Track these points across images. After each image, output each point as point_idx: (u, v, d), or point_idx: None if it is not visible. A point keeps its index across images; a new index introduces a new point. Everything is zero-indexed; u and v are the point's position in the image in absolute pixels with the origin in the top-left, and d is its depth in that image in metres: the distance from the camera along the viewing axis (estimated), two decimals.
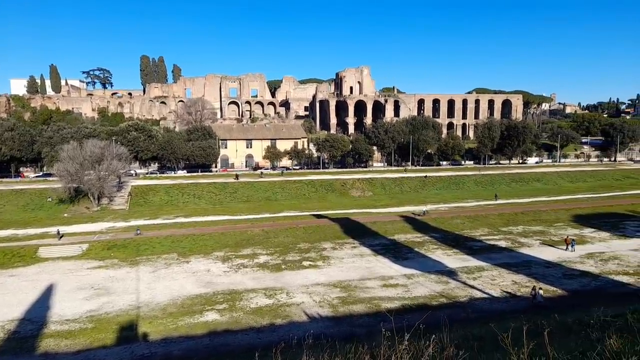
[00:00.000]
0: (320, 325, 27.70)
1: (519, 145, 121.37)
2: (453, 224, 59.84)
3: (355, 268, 41.27)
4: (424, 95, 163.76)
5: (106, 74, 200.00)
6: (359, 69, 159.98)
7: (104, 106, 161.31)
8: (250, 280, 37.94)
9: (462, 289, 35.31)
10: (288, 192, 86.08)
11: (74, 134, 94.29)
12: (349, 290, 35.29)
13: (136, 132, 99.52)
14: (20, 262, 43.71)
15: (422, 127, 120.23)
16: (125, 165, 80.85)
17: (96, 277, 39.19)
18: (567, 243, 47.00)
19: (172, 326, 28.75)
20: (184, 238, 51.82)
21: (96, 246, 48.78)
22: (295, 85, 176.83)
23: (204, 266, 42.36)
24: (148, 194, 79.71)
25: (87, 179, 71.19)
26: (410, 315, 27.07)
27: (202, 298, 33.82)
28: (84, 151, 72.81)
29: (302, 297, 33.71)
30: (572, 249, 46.07)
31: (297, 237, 52.68)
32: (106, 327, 28.89)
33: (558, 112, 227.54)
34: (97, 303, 33.02)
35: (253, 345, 24.61)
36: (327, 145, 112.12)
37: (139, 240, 50.72)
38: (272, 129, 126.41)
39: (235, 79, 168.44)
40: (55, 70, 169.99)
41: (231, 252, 47.04)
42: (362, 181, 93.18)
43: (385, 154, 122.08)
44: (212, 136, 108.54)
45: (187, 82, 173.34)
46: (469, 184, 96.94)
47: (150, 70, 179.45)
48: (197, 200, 79.29)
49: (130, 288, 36.29)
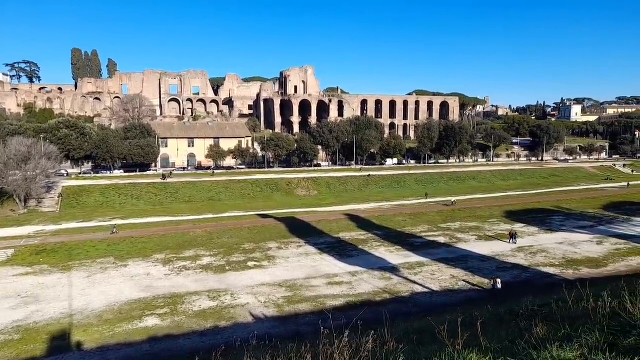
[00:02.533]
0: (266, 326, 27.52)
1: (456, 145, 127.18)
2: (395, 221, 61.58)
3: (300, 267, 41.38)
4: (367, 96, 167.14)
5: (33, 67, 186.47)
6: (304, 68, 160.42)
7: (31, 102, 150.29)
8: (193, 283, 36.95)
9: (404, 284, 36.43)
10: (232, 192, 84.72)
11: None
12: (295, 289, 35.32)
13: (67, 129, 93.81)
14: None
15: (366, 127, 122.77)
16: (55, 164, 75.82)
17: (24, 285, 36.49)
18: (510, 236, 50.26)
19: (108, 333, 27.38)
20: (121, 241, 49.52)
21: (23, 251, 45.45)
22: (239, 83, 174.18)
23: (143, 270, 40.70)
24: (81, 195, 75.40)
25: (12, 180, 66.14)
26: (355, 312, 27.51)
27: (142, 303, 32.49)
28: (8, 150, 67.65)
29: (247, 298, 33.32)
30: (514, 241, 49.30)
31: (242, 238, 51.98)
32: (35, 337, 26.99)
33: (491, 114, 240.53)
34: (25, 312, 30.76)
35: (196, 349, 23.95)
36: (272, 144, 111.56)
37: (71, 244, 47.87)
38: (215, 128, 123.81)
39: (176, 75, 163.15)
40: None
41: (172, 254, 45.56)
42: (307, 180, 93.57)
43: (330, 153, 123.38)
44: (151, 134, 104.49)
45: (124, 78, 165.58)
46: (410, 183, 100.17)
47: (83, 65, 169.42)
48: (135, 201, 76.06)
49: (62, 295, 34.14)
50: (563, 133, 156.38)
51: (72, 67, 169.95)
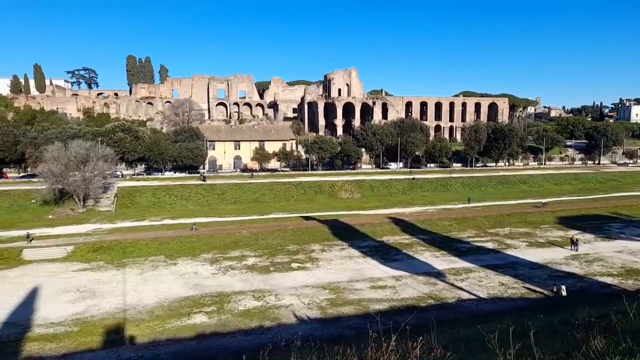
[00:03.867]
0: (309, 327, 27.71)
1: (505, 148, 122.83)
2: (441, 225, 60.29)
3: (344, 270, 41.36)
4: (411, 98, 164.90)
5: (92, 74, 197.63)
6: (347, 71, 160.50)
7: (90, 106, 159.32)
8: (239, 283, 37.79)
9: (450, 290, 35.60)
10: (276, 193, 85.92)
11: (59, 134, 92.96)
12: (338, 292, 35.34)
13: (122, 132, 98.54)
14: (3, 265, 42.93)
15: (410, 129, 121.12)
16: (111, 166, 79.89)
17: (82, 280, 38.68)
18: (571, 243, 48.26)
19: (159, 329, 28.50)
20: (171, 240, 51.37)
21: (82, 248, 48.13)
22: (284, 86, 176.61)
23: (191, 268, 42.08)
24: (135, 195, 78.93)
25: (72, 180, 70.22)
26: (399, 317, 27.22)
27: (190, 300, 33.59)
28: (68, 152, 71.82)
29: (290, 299, 33.68)
30: (576, 248, 47.22)
31: (286, 239, 52.60)
32: (92, 330, 28.52)
33: (543, 115, 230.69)
34: (83, 306, 32.59)
35: (241, 347, 24.51)
36: (316, 147, 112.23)
37: (126, 242, 50.18)
38: (260, 131, 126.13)
39: (223, 80, 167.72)
40: (40, 69, 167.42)
41: (219, 254, 46.80)
42: (350, 183, 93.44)
43: (374, 155, 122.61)
44: (199, 137, 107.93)
45: (174, 83, 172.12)
46: (456, 186, 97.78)
47: (137, 71, 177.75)
48: (184, 201, 78.74)
49: (116, 291, 35.89)
50: (622, 135, 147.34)
51: (127, 74, 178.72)
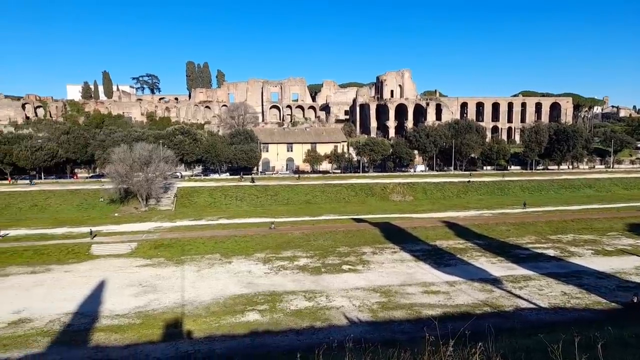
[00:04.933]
0: (360, 330, 27.62)
1: (568, 150, 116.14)
2: (497, 230, 58.07)
3: (395, 273, 40.87)
4: (467, 99, 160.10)
5: (154, 79, 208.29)
6: (400, 72, 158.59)
7: (152, 111, 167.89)
8: (291, 282, 38.34)
9: (508, 298, 34.20)
10: (328, 195, 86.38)
11: (124, 137, 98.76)
12: (389, 295, 34.97)
13: (182, 135, 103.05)
14: (74, 259, 46.18)
15: (465, 130, 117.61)
16: (171, 167, 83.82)
17: (144, 275, 40.80)
18: None
19: (215, 325, 29.48)
20: (227, 239, 53.01)
21: (144, 245, 50.77)
22: (336, 89, 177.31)
23: (245, 267, 43.21)
24: (193, 195, 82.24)
25: (136, 181, 74.35)
26: (453, 323, 26.49)
27: (244, 298, 34.49)
28: (133, 154, 76.08)
29: (341, 300, 33.72)
30: None
31: (337, 241, 52.75)
32: (153, 323, 29.98)
33: (611, 115, 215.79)
34: (145, 300, 34.34)
35: (293, 347, 24.86)
36: (368, 149, 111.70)
37: (184, 240, 52.38)
38: (312, 133, 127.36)
39: (277, 83, 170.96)
40: (108, 76, 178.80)
41: (272, 254, 47.72)
42: (402, 185, 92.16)
43: (427, 158, 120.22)
44: (253, 140, 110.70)
45: (230, 87, 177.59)
46: (514, 190, 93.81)
47: (196, 76, 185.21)
48: (239, 202, 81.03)
49: (175, 286, 37.54)
50: None
51: (187, 79, 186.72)
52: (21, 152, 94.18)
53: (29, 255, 46.72)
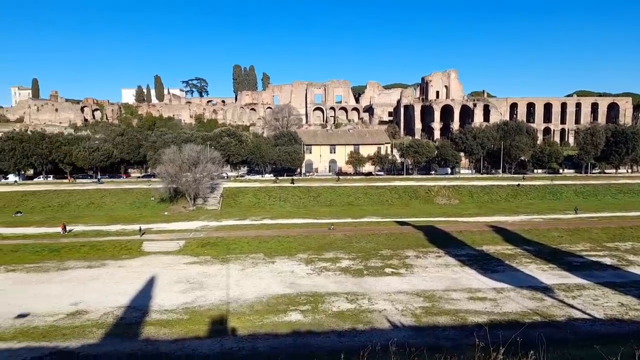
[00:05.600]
0: (403, 334, 27.24)
1: (627, 153, 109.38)
2: (549, 236, 55.58)
3: (439, 278, 40.03)
4: (516, 99, 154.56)
5: (203, 83, 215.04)
6: (446, 72, 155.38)
7: (200, 113, 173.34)
8: (333, 284, 38.39)
9: (559, 307, 32.66)
10: (370, 197, 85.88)
11: (174, 139, 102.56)
12: (433, 300, 34.30)
13: (228, 137, 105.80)
14: (127, 255, 48.40)
15: (515, 132, 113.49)
16: (218, 168, 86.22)
17: (191, 272, 42.15)
18: None
19: (258, 323, 30.00)
20: (270, 239, 53.83)
21: (191, 243, 52.46)
22: (380, 90, 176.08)
23: (288, 267, 43.69)
24: (238, 195, 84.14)
25: (184, 181, 77.02)
26: (500, 331, 25.62)
27: (286, 298, 34.88)
28: (182, 155, 78.87)
29: (384, 304, 33.40)
30: None
31: (379, 244, 52.31)
32: (199, 319, 30.90)
33: None
34: (192, 296, 35.47)
35: (335, 348, 24.88)
36: (412, 150, 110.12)
37: (229, 239, 53.65)
38: (355, 135, 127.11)
39: (321, 85, 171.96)
40: (159, 80, 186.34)
41: (314, 255, 47.98)
42: (448, 188, 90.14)
43: (474, 160, 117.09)
44: (297, 141, 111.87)
45: (275, 90, 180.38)
46: (567, 194, 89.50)
47: (242, 79, 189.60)
48: (282, 203, 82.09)
49: (221, 284, 38.52)
50: None
51: (233, 82, 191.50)
52: (80, 153, 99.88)
53: (85, 251, 49.45)
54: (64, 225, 58.47)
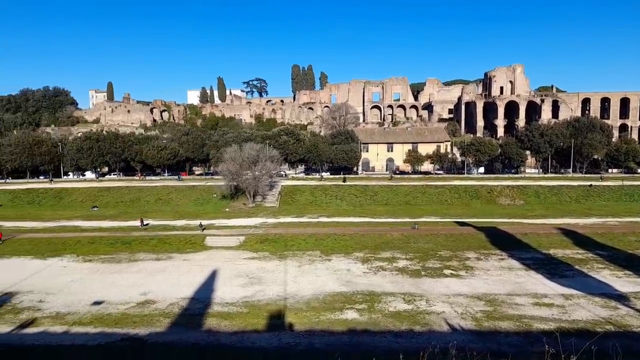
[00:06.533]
0: (463, 338, 26.44)
1: None
2: (625, 241, 51.53)
3: (502, 282, 38.39)
4: (589, 94, 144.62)
5: (262, 83, 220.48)
6: (511, 67, 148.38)
7: (260, 113, 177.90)
8: (389, 284, 37.99)
9: (636, 317, 30.22)
10: (429, 197, 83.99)
11: (235, 138, 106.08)
12: (495, 304, 32.96)
13: (286, 136, 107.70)
14: (191, 249, 50.74)
15: (587, 129, 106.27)
16: (276, 166, 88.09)
17: (251, 267, 43.40)
18: None
19: (314, 320, 30.34)
20: (326, 237, 54.18)
21: (251, 239, 54.01)
22: (440, 87, 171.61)
23: (344, 265, 43.77)
24: (295, 193, 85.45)
25: (244, 178, 79.47)
26: (569, 340, 24.13)
27: (343, 296, 34.96)
28: (243, 153, 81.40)
29: (442, 306, 32.59)
30: None
31: (438, 244, 51.05)
32: (258, 313, 31.76)
33: None
34: (251, 290, 36.52)
35: (392, 348, 24.65)
36: (473, 149, 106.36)
37: (287, 236, 54.66)
38: (413, 133, 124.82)
39: (378, 83, 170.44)
40: (222, 82, 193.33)
41: (370, 254, 47.72)
42: (512, 188, 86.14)
43: (541, 159, 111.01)
44: (354, 140, 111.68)
45: (333, 88, 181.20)
46: None
47: (300, 79, 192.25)
48: (339, 201, 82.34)
49: (278, 280, 39.34)
50: None
51: (292, 82, 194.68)
52: (149, 152, 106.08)
53: (154, 244, 52.43)
54: (141, 220, 62.50)
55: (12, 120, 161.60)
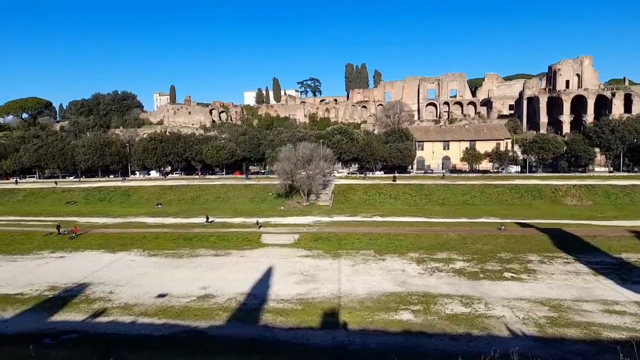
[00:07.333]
0: (524, 344, 25.29)
1: None
2: None
3: (568, 287, 36.32)
4: None
5: (316, 83, 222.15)
6: (578, 59, 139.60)
7: (314, 112, 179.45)
8: (445, 285, 37.10)
9: None
10: (488, 196, 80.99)
11: (290, 137, 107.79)
12: (560, 310, 31.26)
13: (340, 135, 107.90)
14: (247, 246, 52.22)
15: None
16: (330, 165, 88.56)
17: (305, 265, 43.98)
18: None
19: (368, 319, 30.25)
20: (380, 236, 53.78)
21: (305, 237, 54.70)
22: (499, 82, 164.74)
23: (399, 265, 43.25)
24: (348, 192, 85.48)
25: (299, 177, 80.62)
26: None
27: (397, 296, 34.58)
28: (297, 152, 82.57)
29: (502, 310, 31.37)
30: None
31: (498, 246, 49.14)
32: (312, 310, 32.13)
33: None
34: (305, 288, 37.00)
35: (448, 351, 24.09)
36: (536, 146, 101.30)
37: (340, 235, 54.84)
38: (471, 130, 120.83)
39: (434, 80, 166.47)
40: (277, 82, 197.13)
41: (426, 254, 46.82)
42: (579, 188, 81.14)
43: (611, 157, 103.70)
44: (408, 138, 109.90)
45: (387, 86, 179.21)
46: None
47: (354, 77, 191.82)
48: (392, 200, 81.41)
49: (332, 278, 39.57)
50: None
51: (345, 80, 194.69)
52: (208, 151, 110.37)
53: (213, 240, 54.52)
54: (207, 217, 65.57)
55: (85, 123, 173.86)
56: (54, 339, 27.74)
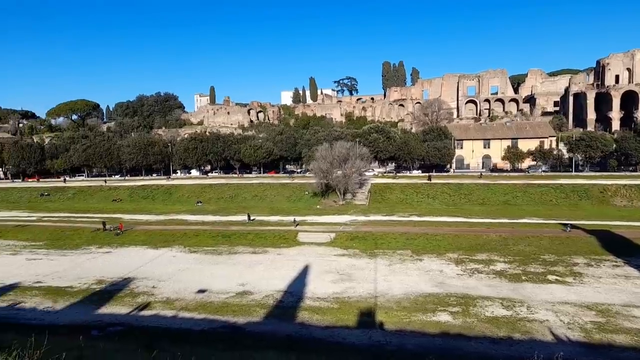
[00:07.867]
0: (570, 350, 24.37)
1: None
2: None
3: (617, 291, 34.62)
4: None
5: (353, 81, 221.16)
6: (629, 53, 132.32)
7: (350, 111, 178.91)
8: (485, 287, 36.19)
9: None
10: (530, 196, 78.25)
11: (326, 136, 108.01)
12: (608, 315, 29.86)
13: (376, 133, 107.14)
14: (284, 244, 52.79)
15: None
16: (366, 164, 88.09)
17: (341, 264, 44.01)
18: None
19: (405, 320, 29.95)
20: (418, 236, 53.02)
21: (341, 236, 54.69)
22: (543, 78, 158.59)
23: (436, 266, 42.56)
24: (385, 191, 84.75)
25: (335, 176, 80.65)
26: None
27: (435, 298, 34.05)
28: (333, 151, 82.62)
29: (545, 314, 30.29)
30: None
31: (541, 247, 47.43)
32: (348, 309, 32.14)
33: None
34: (342, 287, 37.04)
35: (488, 355, 23.53)
36: (582, 144, 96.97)
37: (377, 234, 54.48)
38: (513, 128, 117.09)
39: (474, 76, 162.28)
40: (314, 82, 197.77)
41: (465, 255, 45.81)
42: (629, 188, 77.04)
43: None
44: (447, 136, 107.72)
45: (425, 84, 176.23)
46: None
47: (391, 75, 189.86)
48: (430, 200, 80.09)
49: (368, 277, 39.42)
50: None
51: (382, 79, 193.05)
52: (246, 151, 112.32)
53: (251, 238, 55.45)
54: (248, 215, 67.05)
55: (130, 124, 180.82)
56: (100, 330, 29.08)
